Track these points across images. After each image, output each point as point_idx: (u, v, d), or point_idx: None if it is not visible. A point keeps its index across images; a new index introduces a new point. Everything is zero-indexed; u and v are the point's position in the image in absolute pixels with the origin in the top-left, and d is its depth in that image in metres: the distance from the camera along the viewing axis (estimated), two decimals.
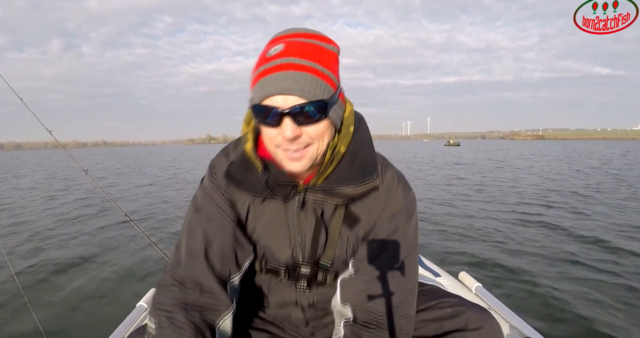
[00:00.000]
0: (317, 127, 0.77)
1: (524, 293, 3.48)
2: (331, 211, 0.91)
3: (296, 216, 0.91)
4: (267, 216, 0.93)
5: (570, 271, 3.98)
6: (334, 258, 0.94)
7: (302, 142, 0.78)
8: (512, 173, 15.30)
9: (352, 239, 0.92)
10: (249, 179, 0.88)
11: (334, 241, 0.92)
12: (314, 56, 0.75)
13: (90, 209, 8.02)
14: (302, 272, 0.96)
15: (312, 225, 0.91)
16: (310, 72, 0.73)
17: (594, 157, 26.84)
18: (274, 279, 1.00)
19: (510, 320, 1.39)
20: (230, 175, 0.89)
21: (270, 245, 0.94)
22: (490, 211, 7.10)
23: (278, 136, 0.77)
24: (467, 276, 1.82)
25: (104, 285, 3.86)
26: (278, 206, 0.92)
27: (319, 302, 1.01)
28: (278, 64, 0.73)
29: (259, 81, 0.74)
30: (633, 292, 3.39)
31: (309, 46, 0.76)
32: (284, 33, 0.80)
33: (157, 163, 28.77)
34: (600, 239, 5.06)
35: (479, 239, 5.24)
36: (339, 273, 0.95)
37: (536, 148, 55.57)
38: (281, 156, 0.81)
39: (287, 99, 0.73)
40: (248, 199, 0.93)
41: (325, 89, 0.75)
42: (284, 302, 1.02)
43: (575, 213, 6.91)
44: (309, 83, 0.73)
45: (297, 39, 0.77)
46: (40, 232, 6.24)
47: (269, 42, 0.80)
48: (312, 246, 0.93)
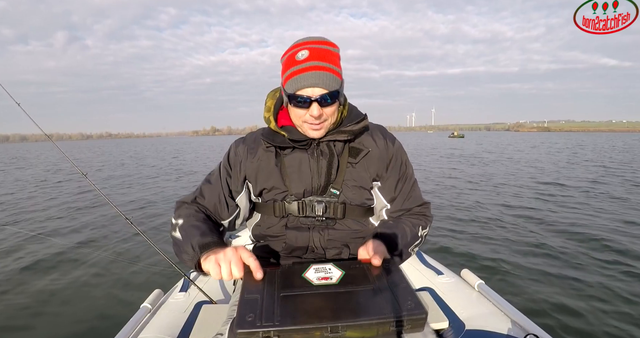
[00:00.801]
0: (332, 108, 1.15)
1: (526, 290, 3.49)
2: (340, 148, 1.26)
3: (316, 156, 1.25)
4: (294, 160, 1.25)
5: (575, 268, 3.99)
6: (342, 185, 1.25)
7: (322, 118, 1.14)
8: (514, 166, 15.21)
9: (358, 169, 1.26)
10: (279, 139, 1.24)
11: (343, 169, 1.25)
12: (330, 59, 1.10)
13: (90, 209, 7.97)
14: (317, 204, 1.25)
15: (327, 159, 1.24)
16: (329, 71, 1.08)
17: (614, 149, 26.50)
18: (291, 221, 1.28)
19: (513, 316, 1.42)
20: (266, 137, 1.25)
21: (295, 178, 1.25)
22: (494, 208, 7.06)
23: (306, 114, 1.13)
24: (469, 273, 1.84)
25: (108, 286, 3.88)
26: (302, 153, 1.25)
27: (329, 246, 1.27)
28: (307, 66, 1.08)
29: (294, 77, 1.09)
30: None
31: (325, 51, 1.11)
32: (304, 40, 1.13)
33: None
34: (605, 237, 5.04)
35: (481, 236, 5.25)
36: (347, 208, 1.26)
37: (544, 138, 55.06)
38: (306, 128, 1.18)
39: (314, 91, 1.09)
40: (263, 158, 1.28)
41: (337, 81, 1.11)
42: (297, 248, 1.28)
43: (582, 208, 6.87)
44: (329, 79, 1.08)
45: (316, 45, 1.11)
46: (40, 232, 6.22)
47: (293, 46, 1.14)
48: (327, 171, 1.24)
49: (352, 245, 1.29)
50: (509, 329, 1.35)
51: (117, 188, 11.37)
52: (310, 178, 1.24)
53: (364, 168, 1.27)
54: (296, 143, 1.23)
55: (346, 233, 1.28)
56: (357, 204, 1.29)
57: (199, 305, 1.62)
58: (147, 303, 1.58)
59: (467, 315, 1.50)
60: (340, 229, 1.27)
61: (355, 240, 1.30)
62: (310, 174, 1.24)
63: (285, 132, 1.23)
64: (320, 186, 1.25)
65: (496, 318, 1.44)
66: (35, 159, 27.47)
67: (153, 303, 1.60)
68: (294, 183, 1.25)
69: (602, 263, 4.13)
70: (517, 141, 49.54)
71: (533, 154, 22.26)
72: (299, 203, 1.26)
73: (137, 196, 9.61)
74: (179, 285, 1.81)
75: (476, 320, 1.45)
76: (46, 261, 4.67)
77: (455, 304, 1.58)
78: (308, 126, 1.17)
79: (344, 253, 1.28)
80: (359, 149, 1.28)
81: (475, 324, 1.42)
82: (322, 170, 1.24)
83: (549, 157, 19.96)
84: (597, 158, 19.15)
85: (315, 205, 1.25)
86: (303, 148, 1.24)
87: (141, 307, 1.55)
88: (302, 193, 1.25)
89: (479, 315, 1.48)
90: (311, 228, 1.26)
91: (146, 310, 1.54)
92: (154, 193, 10.11)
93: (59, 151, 2.42)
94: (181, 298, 1.68)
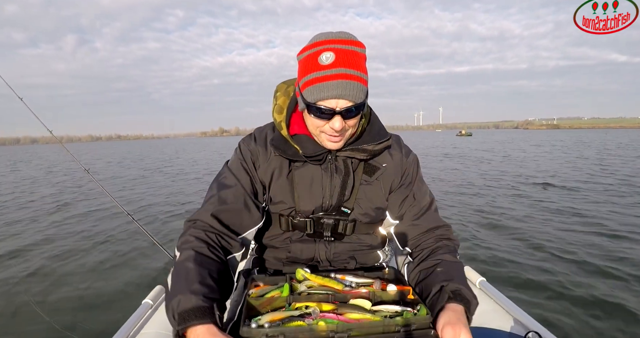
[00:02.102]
0: (355, 120, 1.03)
1: (528, 287, 3.48)
2: (355, 164, 1.17)
3: (329, 171, 1.15)
4: (305, 175, 1.15)
5: (577, 265, 3.96)
6: (354, 204, 1.17)
7: (343, 130, 1.03)
8: (519, 163, 15.06)
9: (373, 187, 1.18)
10: (291, 151, 1.11)
11: (356, 187, 1.16)
12: (357, 64, 0.96)
13: (93, 207, 8.10)
14: (326, 222, 1.17)
15: (342, 176, 1.15)
16: (357, 81, 0.94)
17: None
18: (296, 235, 1.21)
19: (515, 314, 1.40)
20: (277, 147, 1.12)
21: (305, 196, 1.15)
22: (496, 204, 7.04)
23: (325, 125, 1.02)
24: (471, 270, 1.82)
25: (109, 282, 3.93)
26: (315, 168, 1.15)
27: (335, 258, 1.21)
28: (333, 74, 0.93)
29: (315, 84, 0.95)
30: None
31: (353, 55, 0.96)
32: (328, 38, 0.97)
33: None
34: (608, 233, 5.00)
35: (483, 233, 5.23)
36: (356, 224, 1.19)
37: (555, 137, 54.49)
38: (323, 138, 1.07)
39: (339, 102, 0.96)
40: (274, 165, 1.16)
41: (364, 91, 0.98)
42: (301, 259, 1.21)
43: (586, 204, 6.81)
44: (356, 90, 0.95)
45: (342, 46, 0.96)
46: (40, 230, 6.34)
47: (315, 43, 0.98)
48: (341, 191, 1.15)
49: (358, 256, 1.24)
50: (511, 327, 1.34)
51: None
52: (321, 197, 1.16)
53: (379, 186, 1.19)
54: (310, 159, 1.12)
55: (353, 245, 1.23)
56: (368, 222, 1.22)
57: None
58: (148, 299, 1.58)
59: None
60: (347, 241, 1.22)
61: (362, 250, 1.25)
62: (322, 192, 1.16)
63: (298, 143, 1.11)
64: (332, 205, 1.16)
65: (498, 316, 1.42)
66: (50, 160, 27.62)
67: (154, 299, 1.60)
68: (303, 200, 1.16)
69: (607, 256, 4.12)
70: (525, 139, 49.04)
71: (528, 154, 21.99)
72: (307, 221, 1.18)
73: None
74: None
75: (478, 318, 1.42)
76: (48, 259, 4.74)
77: None
78: (326, 137, 1.06)
79: (350, 265, 1.23)
80: (376, 167, 1.18)
81: (477, 321, 1.40)
82: (336, 190, 1.16)
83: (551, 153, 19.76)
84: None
85: (324, 223, 1.18)
86: (317, 162, 1.14)
87: (143, 303, 1.55)
88: (311, 211, 1.17)
89: (480, 312, 1.46)
90: (317, 241, 1.21)
91: (148, 306, 1.55)
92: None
93: (70, 145, 2.44)
94: None
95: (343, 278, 1.05)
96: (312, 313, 0.85)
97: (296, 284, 1.01)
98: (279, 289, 0.97)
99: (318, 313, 0.85)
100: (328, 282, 1.00)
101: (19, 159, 34.28)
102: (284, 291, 0.95)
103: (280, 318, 0.84)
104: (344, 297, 0.93)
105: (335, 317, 0.84)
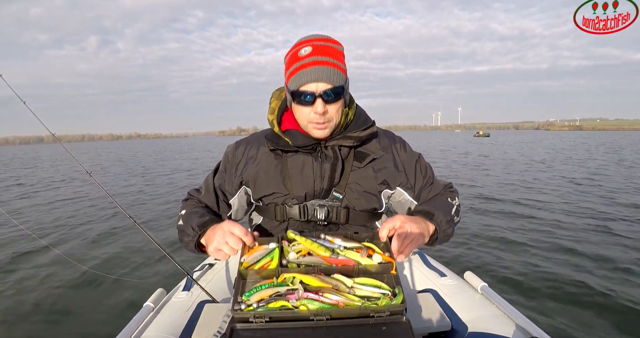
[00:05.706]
0: (336, 105, 1.11)
1: (530, 293, 3.43)
2: (346, 153, 1.24)
3: (319, 159, 1.22)
4: (297, 162, 1.24)
5: (580, 272, 3.88)
6: (346, 189, 1.24)
7: (326, 117, 1.11)
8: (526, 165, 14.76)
9: (363, 173, 1.25)
10: (282, 143, 1.22)
11: (347, 173, 1.23)
12: (333, 55, 1.07)
13: (94, 210, 8.18)
14: (318, 209, 1.24)
15: (331, 162, 1.22)
16: (333, 66, 1.05)
17: None
18: (291, 225, 1.28)
19: (516, 320, 1.38)
20: (270, 140, 1.23)
21: (297, 181, 1.23)
22: (497, 210, 6.90)
23: (310, 113, 1.10)
24: (472, 276, 1.81)
25: (111, 285, 3.96)
26: (306, 156, 1.23)
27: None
28: (311, 61, 1.04)
29: (296, 73, 1.06)
30: None
31: (328, 48, 1.07)
32: (307, 38, 1.10)
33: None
34: (611, 238, 4.90)
35: (485, 238, 5.16)
36: (350, 213, 1.25)
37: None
38: (310, 128, 1.15)
39: (318, 86, 1.06)
40: (263, 162, 1.27)
41: (342, 77, 1.08)
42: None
43: (589, 211, 6.63)
44: (333, 74, 1.05)
45: (319, 42, 1.08)
46: (41, 230, 6.46)
47: (296, 44, 1.11)
48: (330, 174, 1.21)
49: None
50: (513, 332, 1.32)
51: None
52: (312, 180, 1.22)
53: (371, 173, 1.25)
54: (300, 148, 1.21)
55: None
56: (361, 209, 1.27)
57: (202, 304, 1.63)
58: (149, 302, 1.60)
59: (470, 317, 1.48)
60: (342, 232, 1.22)
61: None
62: (313, 177, 1.22)
63: (289, 137, 1.21)
64: (323, 189, 1.23)
65: (499, 321, 1.40)
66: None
67: (156, 302, 1.62)
68: (295, 185, 1.23)
69: (610, 267, 3.99)
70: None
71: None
72: (300, 207, 1.24)
73: None
74: (181, 284, 1.84)
75: (479, 323, 1.42)
76: (49, 263, 4.77)
77: (459, 306, 1.56)
78: (313, 126, 1.14)
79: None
80: (366, 154, 1.26)
81: (479, 327, 1.39)
82: (326, 173, 1.21)
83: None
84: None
85: (317, 209, 1.23)
86: (307, 151, 1.22)
87: (144, 306, 1.58)
88: (303, 196, 1.23)
89: (482, 317, 1.45)
90: (313, 231, 1.24)
91: (149, 309, 1.57)
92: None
93: (82, 143, 2.49)
94: (184, 297, 1.70)
95: (332, 241, 1.09)
96: (296, 294, 0.91)
97: (286, 247, 1.08)
98: (269, 255, 1.03)
99: (301, 294, 0.91)
100: (317, 248, 1.05)
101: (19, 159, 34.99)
102: (273, 260, 1.01)
103: (267, 295, 0.92)
104: (329, 269, 1.00)
105: (317, 298, 0.90)
